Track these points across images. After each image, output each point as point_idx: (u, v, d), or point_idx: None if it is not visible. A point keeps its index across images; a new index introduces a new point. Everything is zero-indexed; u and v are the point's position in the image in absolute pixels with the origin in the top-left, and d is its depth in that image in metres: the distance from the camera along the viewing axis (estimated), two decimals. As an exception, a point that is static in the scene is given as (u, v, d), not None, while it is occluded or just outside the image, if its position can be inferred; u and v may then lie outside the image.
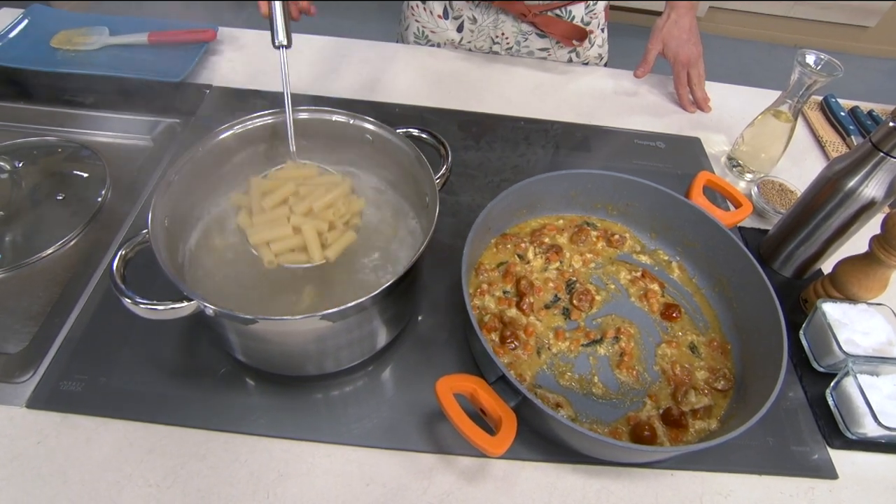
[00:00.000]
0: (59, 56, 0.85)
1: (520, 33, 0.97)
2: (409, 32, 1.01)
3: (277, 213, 0.53)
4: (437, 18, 0.96)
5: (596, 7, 0.95)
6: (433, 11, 0.96)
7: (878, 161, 0.57)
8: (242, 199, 0.55)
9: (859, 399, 0.53)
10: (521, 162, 0.81)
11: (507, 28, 0.95)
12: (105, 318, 0.57)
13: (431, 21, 0.97)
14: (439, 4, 0.95)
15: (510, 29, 0.96)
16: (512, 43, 0.98)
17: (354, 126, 0.58)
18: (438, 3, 0.95)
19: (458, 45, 0.99)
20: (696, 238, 0.64)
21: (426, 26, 0.98)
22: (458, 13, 0.95)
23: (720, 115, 0.94)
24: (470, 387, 0.46)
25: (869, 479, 0.53)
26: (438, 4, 0.95)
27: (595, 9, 0.95)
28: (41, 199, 0.70)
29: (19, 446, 0.48)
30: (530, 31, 0.96)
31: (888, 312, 0.60)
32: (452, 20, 0.96)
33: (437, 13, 0.96)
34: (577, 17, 0.94)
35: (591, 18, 0.96)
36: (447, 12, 0.95)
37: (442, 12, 0.96)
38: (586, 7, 0.94)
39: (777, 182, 0.79)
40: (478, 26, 0.96)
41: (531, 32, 0.97)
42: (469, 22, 0.96)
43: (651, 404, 0.54)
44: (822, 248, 0.65)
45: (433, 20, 0.97)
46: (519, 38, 0.97)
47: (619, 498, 0.50)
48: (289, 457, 0.49)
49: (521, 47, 0.99)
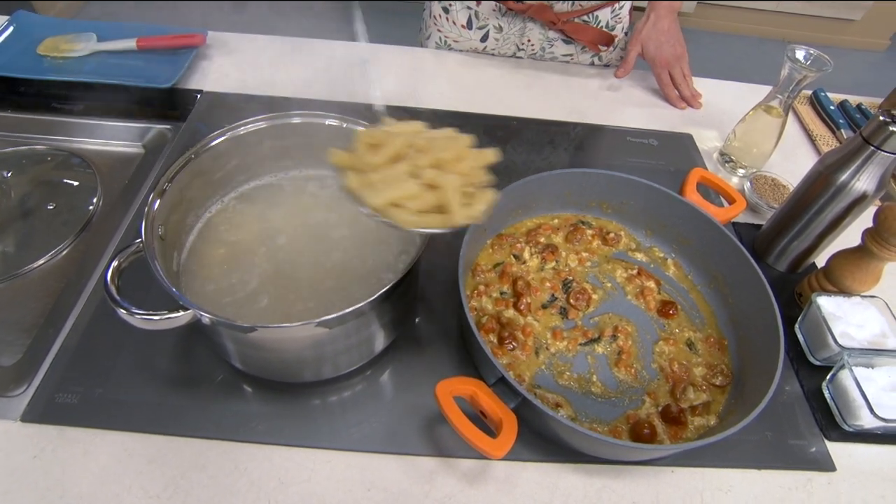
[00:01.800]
0: (47, 63, 0.84)
1: (546, 40, 0.97)
2: (431, 42, 1.00)
3: (396, 169, 0.42)
4: (461, 28, 0.96)
5: (621, 11, 0.95)
6: (456, 21, 0.95)
7: (868, 155, 0.57)
8: (346, 159, 0.43)
9: (855, 391, 0.54)
10: (514, 162, 0.81)
11: (533, 35, 0.95)
12: (99, 328, 0.56)
13: (454, 31, 0.97)
14: (464, 14, 0.94)
15: (537, 36, 0.96)
16: (537, 49, 0.98)
17: (347, 130, 0.58)
18: (463, 13, 0.94)
19: (481, 52, 0.99)
20: (691, 235, 0.64)
21: (448, 35, 0.98)
22: (483, 22, 0.94)
23: (711, 112, 0.95)
24: (470, 389, 0.46)
25: (866, 471, 0.54)
26: (463, 14, 0.94)
27: (620, 13, 0.95)
28: (31, 208, 0.69)
29: (15, 461, 0.48)
30: (556, 38, 0.96)
31: (882, 305, 0.60)
32: (477, 30, 0.96)
33: (461, 23, 0.95)
34: (603, 21, 0.94)
35: (616, 23, 0.96)
36: (471, 22, 0.95)
37: (466, 22, 0.95)
38: (612, 11, 0.94)
39: (769, 177, 0.79)
40: (503, 35, 0.96)
41: (557, 39, 0.97)
42: (495, 31, 0.95)
43: (650, 402, 0.54)
44: (816, 242, 0.66)
45: (456, 30, 0.96)
46: (545, 44, 0.97)
47: (620, 496, 0.50)
48: (289, 464, 0.49)
49: (545, 53, 0.99)
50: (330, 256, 0.55)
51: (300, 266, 0.55)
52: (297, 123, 0.58)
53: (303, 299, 0.52)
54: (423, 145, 0.43)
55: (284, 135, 0.58)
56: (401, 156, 0.43)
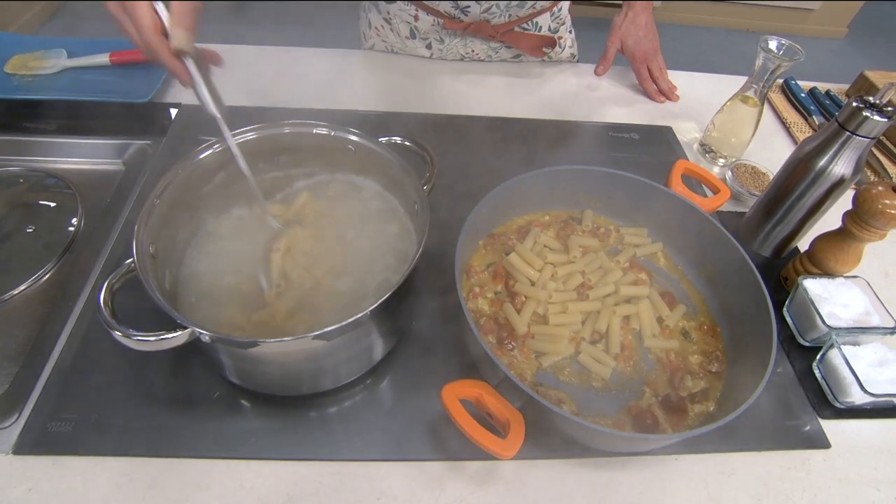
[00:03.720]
0: (16, 82, 0.82)
1: (489, 49, 0.97)
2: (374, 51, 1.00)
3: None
4: (405, 39, 0.96)
5: (561, 13, 0.96)
6: (400, 33, 0.95)
7: (844, 140, 0.59)
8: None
9: (845, 369, 0.55)
10: (499, 163, 0.81)
11: (476, 46, 0.96)
12: (89, 352, 0.55)
13: (399, 41, 0.97)
14: (405, 27, 0.94)
15: (479, 46, 0.96)
16: (483, 57, 0.99)
17: (336, 138, 0.57)
18: (405, 26, 0.94)
19: (426, 59, 0.99)
20: (679, 225, 0.66)
21: (394, 45, 0.98)
22: (424, 35, 0.95)
23: (688, 103, 0.97)
24: (475, 392, 0.46)
25: (860, 446, 0.56)
26: (404, 27, 0.94)
27: (560, 14, 0.96)
28: (9, 232, 0.66)
29: (9, 496, 0.46)
30: (499, 46, 0.97)
31: (864, 284, 0.62)
32: (420, 40, 0.96)
33: (405, 35, 0.95)
34: (545, 26, 0.95)
35: (558, 24, 0.96)
36: (414, 33, 0.95)
37: (409, 33, 0.95)
38: (552, 15, 0.95)
39: (749, 165, 0.81)
40: (446, 45, 0.96)
41: (500, 47, 0.97)
42: (437, 42, 0.95)
43: (650, 392, 0.55)
44: (798, 226, 0.67)
45: (401, 40, 0.96)
46: (490, 52, 0.98)
47: (627, 487, 0.51)
48: (296, 478, 0.49)
49: (492, 60, 1.00)
50: (325, 267, 0.55)
51: (295, 278, 0.54)
52: (286, 133, 0.57)
53: (299, 312, 0.52)
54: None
55: (273, 145, 0.57)
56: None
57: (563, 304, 0.60)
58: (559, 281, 0.62)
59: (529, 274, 0.61)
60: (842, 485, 0.52)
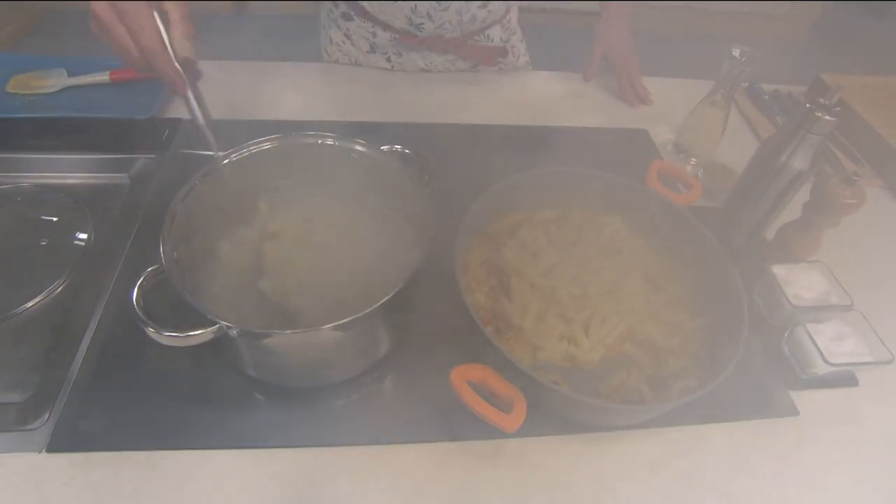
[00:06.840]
0: (18, 101, 0.84)
1: (447, 60, 1.02)
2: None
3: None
4: (366, 53, 1.01)
5: (510, 24, 1.01)
6: (360, 48, 1.00)
7: (801, 137, 0.66)
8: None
9: (809, 344, 0.61)
10: (486, 166, 0.86)
11: (433, 58, 1.01)
12: (113, 354, 0.58)
13: (361, 56, 1.02)
14: (364, 42, 0.99)
15: (437, 58, 1.01)
16: (442, 68, 1.04)
17: (343, 148, 0.62)
18: (364, 41, 0.99)
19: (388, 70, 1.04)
20: (660, 220, 0.71)
21: (356, 59, 1.02)
22: (384, 49, 1.00)
23: (661, 107, 1.03)
24: (480, 374, 0.51)
25: (825, 412, 0.62)
26: (364, 42, 0.99)
27: (510, 25, 1.01)
28: (21, 247, 0.69)
29: (47, 490, 0.49)
30: (456, 58, 1.02)
31: (824, 267, 0.69)
32: (380, 54, 1.01)
33: (365, 49, 1.00)
34: (496, 38, 1.00)
35: (509, 35, 1.02)
36: (374, 48, 1.00)
37: (369, 48, 1.00)
38: (502, 27, 1.00)
39: (719, 163, 0.88)
40: (404, 58, 1.01)
41: (457, 59, 1.03)
42: (396, 56, 1.00)
43: (637, 372, 0.60)
44: (764, 217, 0.74)
45: (362, 55, 1.01)
46: (448, 64, 1.03)
47: (619, 456, 0.56)
48: (318, 462, 0.52)
49: (452, 70, 1.05)
50: (337, 270, 0.59)
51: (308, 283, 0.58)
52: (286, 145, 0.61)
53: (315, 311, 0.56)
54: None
55: (287, 155, 0.61)
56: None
57: (555, 296, 0.64)
58: (549, 275, 0.67)
59: (521, 269, 0.66)
60: (809, 445, 0.59)
